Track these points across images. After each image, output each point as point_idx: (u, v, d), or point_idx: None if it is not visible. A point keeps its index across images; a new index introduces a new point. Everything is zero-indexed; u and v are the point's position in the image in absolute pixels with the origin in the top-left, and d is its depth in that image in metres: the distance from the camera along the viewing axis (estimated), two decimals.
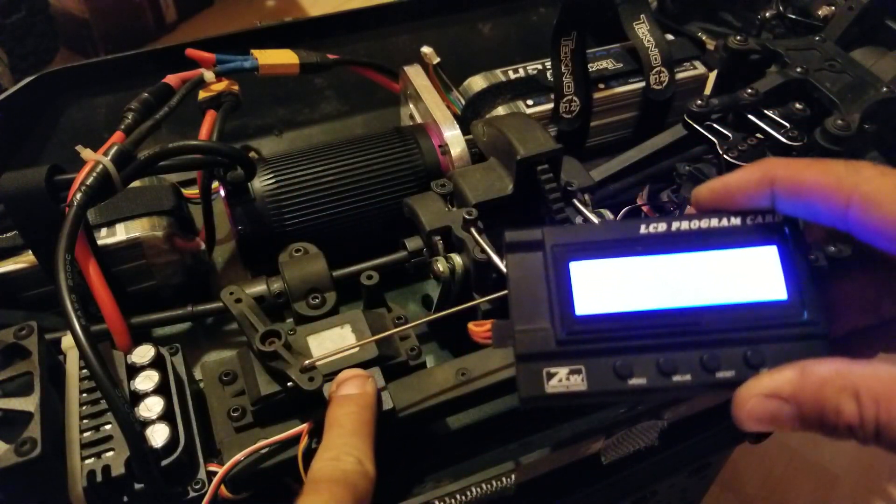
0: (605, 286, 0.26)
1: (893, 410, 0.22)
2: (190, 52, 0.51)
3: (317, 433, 0.35)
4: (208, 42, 0.59)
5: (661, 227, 0.27)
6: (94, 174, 0.39)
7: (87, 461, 0.33)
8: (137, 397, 0.36)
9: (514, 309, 0.27)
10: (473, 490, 0.40)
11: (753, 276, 0.26)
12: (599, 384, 0.25)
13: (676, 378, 0.25)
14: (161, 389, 0.37)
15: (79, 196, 0.38)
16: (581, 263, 0.27)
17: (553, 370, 0.26)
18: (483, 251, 0.41)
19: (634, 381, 0.25)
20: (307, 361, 0.36)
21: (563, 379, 0.25)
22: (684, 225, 0.27)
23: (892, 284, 0.28)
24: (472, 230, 0.42)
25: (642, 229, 0.27)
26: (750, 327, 0.26)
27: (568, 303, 0.26)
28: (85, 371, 0.37)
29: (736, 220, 0.27)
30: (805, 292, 0.26)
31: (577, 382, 0.25)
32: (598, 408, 0.44)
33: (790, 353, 0.25)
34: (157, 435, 0.35)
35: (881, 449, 0.23)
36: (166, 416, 0.36)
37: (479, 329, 0.29)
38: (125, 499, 0.34)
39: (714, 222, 0.27)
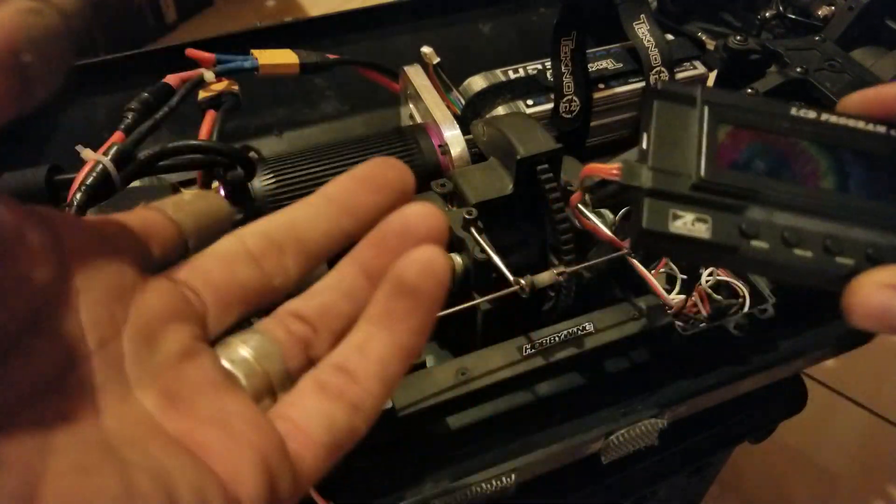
0: (748, 151, 0.27)
1: None
2: (190, 52, 0.51)
3: None
4: (208, 42, 0.59)
5: (812, 114, 0.28)
6: (94, 174, 0.39)
7: None
8: None
9: (655, 150, 0.27)
10: (473, 490, 0.40)
11: (888, 180, 0.27)
12: (723, 237, 0.26)
13: (798, 251, 0.26)
14: None
15: (79, 196, 0.38)
16: (730, 122, 0.27)
17: (680, 213, 0.26)
18: (483, 251, 0.41)
19: (756, 244, 0.26)
20: None
21: (689, 224, 0.26)
22: (833, 118, 0.28)
23: None
24: (472, 230, 0.42)
25: (793, 111, 0.28)
26: (878, 226, 0.26)
27: (711, 154, 0.27)
28: None
29: (881, 128, 0.28)
30: None
31: (702, 230, 0.26)
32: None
33: None
34: None
35: None
36: None
37: (606, 167, 0.28)
38: None
39: (860, 124, 0.28)
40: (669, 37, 0.60)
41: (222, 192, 0.48)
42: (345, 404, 0.21)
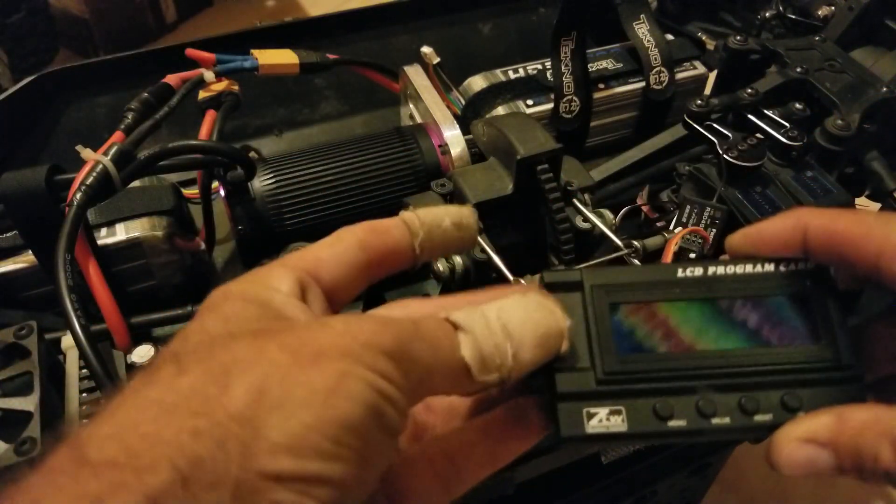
0: (643, 328, 0.27)
1: None
2: (190, 52, 0.51)
3: None
4: (208, 42, 0.59)
5: (698, 271, 0.28)
6: (94, 174, 0.39)
7: None
8: None
9: None
10: (473, 490, 0.40)
11: (788, 320, 0.27)
12: (640, 425, 0.26)
13: (716, 420, 0.26)
14: None
15: (79, 196, 0.38)
16: (620, 304, 0.27)
17: (593, 410, 0.26)
18: (483, 251, 0.41)
19: (674, 423, 0.26)
20: None
21: (604, 419, 0.26)
22: (720, 270, 0.28)
23: None
24: None
25: (679, 273, 0.28)
26: (786, 371, 0.26)
27: (607, 343, 0.26)
28: (85, 371, 0.37)
29: (770, 267, 0.27)
30: (839, 337, 0.27)
31: (618, 423, 0.26)
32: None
33: (826, 397, 0.26)
34: None
35: None
36: None
37: None
38: None
39: (749, 268, 0.28)
40: (669, 37, 0.60)
41: (222, 193, 0.48)
42: None
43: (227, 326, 0.22)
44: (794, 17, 0.66)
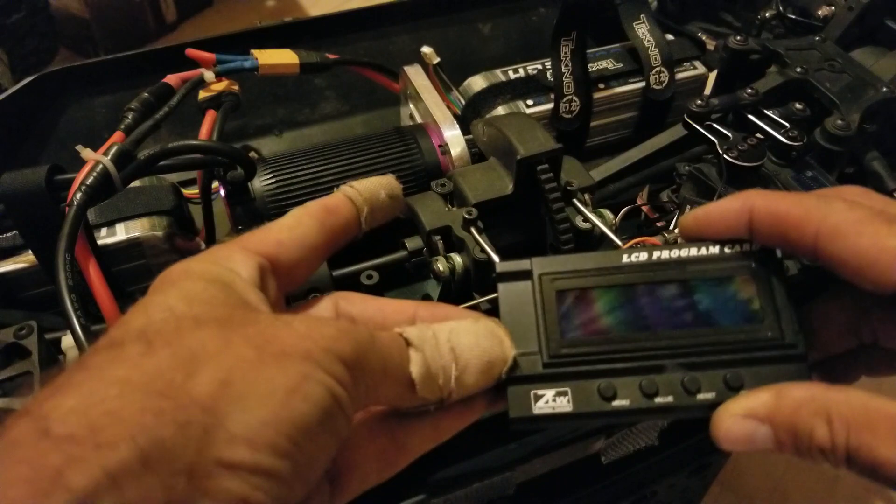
0: (589, 312, 0.28)
1: (863, 436, 0.23)
2: (190, 52, 0.51)
3: None
4: (208, 42, 0.59)
5: (643, 256, 0.29)
6: (94, 174, 0.39)
7: None
8: None
9: (511, 334, 0.28)
10: (474, 489, 0.40)
11: (732, 301, 0.28)
12: (584, 405, 0.27)
13: (658, 400, 0.27)
14: None
15: (79, 196, 0.38)
16: (566, 291, 0.28)
17: (540, 392, 0.27)
18: (483, 251, 0.41)
19: (618, 403, 0.27)
20: None
21: (550, 400, 0.27)
22: (665, 254, 0.28)
23: (868, 310, 0.29)
24: (472, 230, 0.42)
25: (624, 258, 0.29)
26: (730, 350, 0.27)
27: (554, 328, 0.28)
28: None
29: (714, 249, 0.28)
30: (783, 316, 0.27)
31: (563, 404, 0.27)
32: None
33: (769, 376, 0.26)
34: None
35: (852, 473, 0.24)
36: None
37: None
38: None
39: (693, 251, 0.28)
40: (669, 37, 0.60)
41: (222, 193, 0.48)
42: None
43: (191, 308, 0.22)
44: (794, 17, 0.66)
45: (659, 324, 0.27)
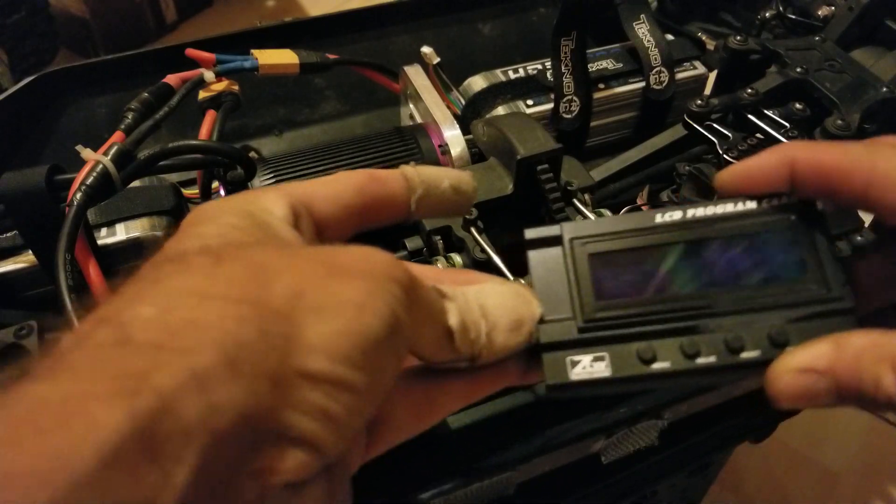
0: (623, 275, 0.27)
1: None
2: (190, 52, 0.51)
3: None
4: (208, 42, 0.59)
5: (677, 215, 0.27)
6: (94, 174, 0.39)
7: None
8: None
9: (542, 301, 0.27)
10: (474, 489, 0.40)
11: (774, 255, 0.26)
12: (623, 369, 0.25)
13: (700, 360, 0.25)
14: None
15: (79, 196, 0.38)
16: (599, 254, 0.27)
17: (577, 358, 0.26)
18: (483, 251, 0.41)
19: (658, 365, 0.25)
20: None
21: (588, 366, 0.26)
22: (700, 212, 0.27)
23: None
24: (472, 230, 0.42)
25: (658, 218, 0.27)
26: (773, 306, 0.26)
27: (588, 292, 0.27)
28: None
29: (752, 204, 0.27)
30: (827, 269, 0.26)
31: (602, 369, 0.26)
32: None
33: (816, 331, 0.25)
34: None
35: None
36: None
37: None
38: None
39: (730, 207, 0.27)
40: (669, 37, 0.60)
41: (222, 193, 0.48)
42: None
43: (240, 235, 0.22)
44: (794, 17, 0.66)
45: (697, 283, 0.26)
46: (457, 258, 0.42)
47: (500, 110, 0.55)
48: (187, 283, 0.19)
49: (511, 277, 0.39)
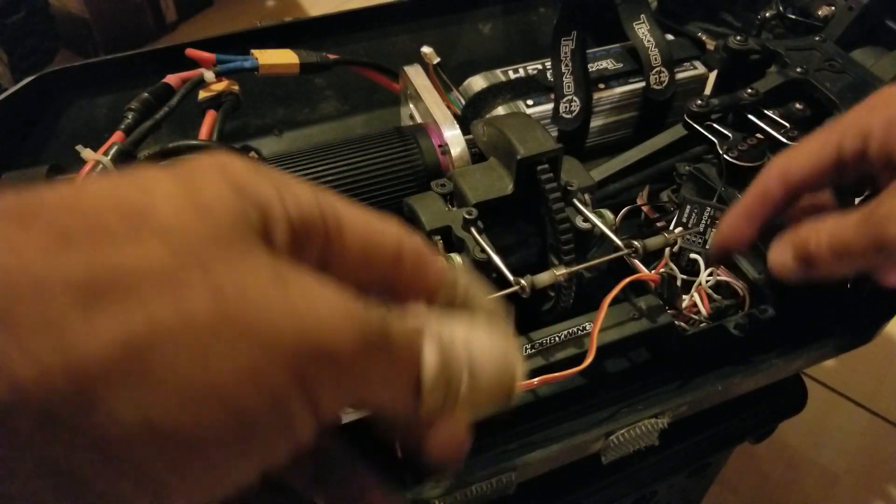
0: None
1: None
2: (190, 52, 0.51)
3: None
4: (208, 42, 0.59)
5: None
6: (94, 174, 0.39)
7: None
8: None
9: None
10: (473, 490, 0.40)
11: None
12: None
13: None
14: None
15: None
16: None
17: None
18: (483, 251, 0.41)
19: None
20: None
21: None
22: None
23: None
24: (472, 230, 0.42)
25: None
26: None
27: None
28: None
29: None
30: None
31: None
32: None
33: None
34: None
35: None
36: None
37: None
38: None
39: None
40: (669, 37, 0.60)
41: None
42: None
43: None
44: (794, 17, 0.66)
45: None
46: (457, 258, 0.42)
47: (500, 110, 0.55)
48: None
49: (511, 278, 0.39)
